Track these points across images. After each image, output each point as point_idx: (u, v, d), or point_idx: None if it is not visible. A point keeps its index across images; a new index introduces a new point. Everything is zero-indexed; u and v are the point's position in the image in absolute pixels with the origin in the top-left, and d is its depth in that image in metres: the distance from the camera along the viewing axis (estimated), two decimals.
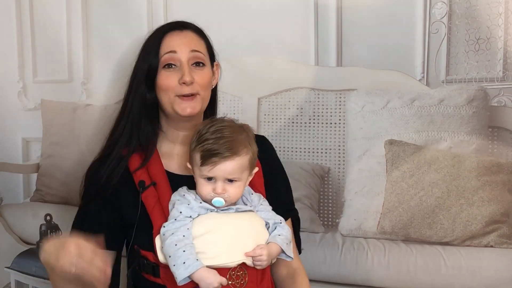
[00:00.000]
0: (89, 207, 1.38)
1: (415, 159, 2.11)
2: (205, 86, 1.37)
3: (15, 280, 2.15)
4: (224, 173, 1.21)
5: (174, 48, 1.35)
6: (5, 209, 2.81)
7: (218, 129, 1.23)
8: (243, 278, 1.21)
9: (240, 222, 1.24)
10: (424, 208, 2.04)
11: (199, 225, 1.21)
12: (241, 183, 1.25)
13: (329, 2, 2.63)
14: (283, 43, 2.70)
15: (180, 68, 1.34)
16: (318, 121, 2.58)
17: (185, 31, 1.39)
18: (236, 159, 1.22)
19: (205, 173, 1.22)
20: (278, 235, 1.26)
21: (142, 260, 1.30)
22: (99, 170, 1.36)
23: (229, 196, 1.23)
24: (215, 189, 1.22)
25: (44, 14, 3.11)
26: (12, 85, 3.17)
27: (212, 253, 1.19)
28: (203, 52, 1.38)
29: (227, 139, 1.22)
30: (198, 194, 1.26)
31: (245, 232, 1.23)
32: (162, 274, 1.26)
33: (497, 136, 2.33)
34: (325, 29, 2.66)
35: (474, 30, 2.41)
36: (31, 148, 3.20)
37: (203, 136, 1.23)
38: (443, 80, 2.49)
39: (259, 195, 1.33)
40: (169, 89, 1.35)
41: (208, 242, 1.20)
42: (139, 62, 1.39)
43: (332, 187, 2.57)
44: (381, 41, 2.55)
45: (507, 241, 2.00)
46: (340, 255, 2.07)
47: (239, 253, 1.21)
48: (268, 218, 1.29)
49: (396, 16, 2.53)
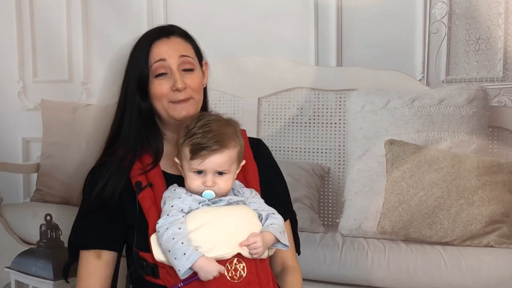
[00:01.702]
0: (91, 212, 1.37)
1: (415, 159, 2.11)
2: (197, 89, 1.39)
3: (15, 280, 2.14)
4: (214, 166, 1.23)
5: (163, 56, 1.36)
6: (5, 209, 2.81)
7: (205, 123, 1.26)
8: (242, 270, 1.22)
9: (233, 214, 1.25)
10: (424, 208, 2.04)
11: (193, 219, 1.22)
12: (230, 176, 1.27)
13: (329, 2, 2.63)
14: (283, 43, 2.70)
15: (171, 75, 1.36)
16: (318, 121, 2.58)
17: (172, 37, 1.40)
18: (225, 151, 1.24)
19: (195, 167, 1.24)
20: (270, 224, 1.27)
21: (141, 262, 1.30)
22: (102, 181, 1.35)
23: (220, 188, 1.25)
24: (205, 182, 1.24)
25: (44, 14, 3.12)
26: (12, 85, 3.17)
27: (208, 245, 1.20)
28: (191, 56, 1.40)
29: (215, 132, 1.24)
30: (188, 188, 1.27)
31: (239, 224, 1.25)
32: (162, 275, 1.26)
33: (497, 136, 2.34)
34: (325, 29, 2.66)
35: (474, 30, 2.41)
36: (31, 148, 3.20)
37: (191, 131, 1.26)
38: (443, 80, 2.49)
39: (252, 190, 1.35)
40: (162, 97, 1.37)
41: (203, 235, 1.21)
42: (130, 72, 1.41)
43: (332, 187, 2.57)
44: (381, 41, 2.56)
45: (507, 241, 2.00)
46: (340, 255, 2.07)
47: (234, 245, 1.22)
48: (261, 210, 1.31)
49: (396, 16, 2.54)
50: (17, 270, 2.11)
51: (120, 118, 1.42)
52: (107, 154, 1.41)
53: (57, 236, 2.12)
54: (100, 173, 1.37)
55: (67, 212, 2.60)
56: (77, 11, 3.06)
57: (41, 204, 2.81)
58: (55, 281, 2.01)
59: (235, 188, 1.32)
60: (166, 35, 1.40)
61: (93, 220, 1.36)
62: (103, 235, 1.36)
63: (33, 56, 3.16)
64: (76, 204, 2.70)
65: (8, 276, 2.18)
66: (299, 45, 2.71)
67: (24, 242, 2.59)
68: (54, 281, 2.00)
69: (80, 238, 1.38)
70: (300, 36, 2.71)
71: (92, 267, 1.35)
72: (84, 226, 1.38)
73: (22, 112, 3.19)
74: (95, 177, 1.38)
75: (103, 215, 1.35)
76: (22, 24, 3.14)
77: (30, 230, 2.49)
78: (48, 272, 2.02)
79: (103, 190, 1.34)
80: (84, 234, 1.37)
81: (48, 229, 2.11)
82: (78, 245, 1.38)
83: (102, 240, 1.36)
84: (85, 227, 1.38)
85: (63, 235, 2.14)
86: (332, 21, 2.65)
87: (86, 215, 1.38)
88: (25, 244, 2.55)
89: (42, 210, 2.40)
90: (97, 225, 1.35)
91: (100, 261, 1.35)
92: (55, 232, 2.12)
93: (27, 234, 2.58)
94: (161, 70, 1.36)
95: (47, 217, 2.13)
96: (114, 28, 2.94)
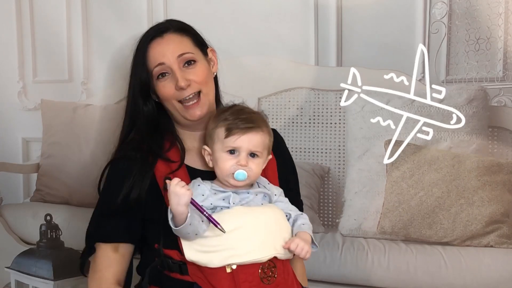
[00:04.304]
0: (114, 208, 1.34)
1: (415, 159, 2.11)
2: (203, 81, 1.37)
3: (15, 280, 2.14)
4: (249, 145, 1.24)
5: (160, 59, 1.35)
6: (5, 209, 2.81)
7: (239, 109, 1.29)
8: (274, 272, 1.22)
9: (266, 216, 1.25)
10: (424, 208, 2.04)
11: (228, 221, 1.20)
12: (261, 161, 1.27)
13: (329, 2, 2.63)
14: (283, 43, 2.70)
15: (173, 75, 1.35)
16: (318, 121, 2.58)
17: (166, 35, 1.37)
18: (260, 132, 1.26)
19: (230, 144, 1.24)
20: (302, 224, 1.28)
21: (166, 259, 1.28)
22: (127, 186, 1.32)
23: (251, 170, 1.24)
24: (238, 161, 1.24)
25: (44, 14, 3.11)
26: (12, 85, 3.17)
27: (244, 249, 1.20)
28: (190, 50, 1.37)
29: (250, 115, 1.27)
30: (220, 171, 1.26)
31: (272, 226, 1.25)
32: (191, 271, 1.24)
33: (497, 136, 2.33)
34: (325, 29, 2.66)
35: (474, 30, 2.40)
36: (31, 148, 3.20)
37: (224, 115, 1.27)
38: (443, 80, 2.48)
39: (278, 187, 1.35)
40: (169, 98, 1.36)
41: (239, 238, 1.20)
42: (132, 76, 1.40)
43: (332, 187, 2.57)
44: (381, 41, 2.55)
45: (507, 241, 2.00)
46: (340, 255, 2.07)
47: (269, 248, 1.22)
48: (289, 210, 1.31)
49: (396, 16, 2.53)
50: (17, 270, 2.11)
51: (131, 124, 1.41)
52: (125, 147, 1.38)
53: (57, 236, 2.12)
54: (123, 168, 1.33)
55: (67, 212, 2.60)
56: (77, 11, 3.06)
57: (41, 204, 2.81)
58: (55, 281, 2.00)
59: (261, 183, 1.32)
60: (160, 34, 1.38)
61: (112, 214, 1.34)
62: (122, 228, 1.34)
63: (33, 56, 3.16)
64: (76, 204, 2.73)
65: (8, 276, 2.18)
66: (299, 45, 2.71)
67: (24, 242, 2.59)
68: (54, 281, 2.00)
69: (99, 231, 1.36)
70: (300, 36, 2.70)
71: (108, 259, 1.34)
72: (103, 220, 1.36)
73: (22, 112, 3.19)
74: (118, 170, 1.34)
75: (122, 209, 1.33)
76: (22, 24, 3.14)
77: (30, 230, 2.49)
78: (48, 272, 2.01)
79: (129, 195, 1.31)
80: (103, 227, 1.36)
81: (48, 229, 2.11)
82: (97, 237, 1.36)
83: (121, 233, 1.34)
84: (104, 221, 1.36)
85: (63, 235, 2.14)
86: (332, 21, 2.64)
87: (105, 210, 1.36)
88: (25, 244, 2.55)
89: (42, 210, 2.40)
90: (116, 218, 1.33)
91: (117, 255, 1.34)
92: (55, 232, 2.12)
93: (27, 234, 2.58)
94: (161, 72, 1.35)
95: (47, 217, 2.13)
96: (114, 28, 2.94)
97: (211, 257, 1.20)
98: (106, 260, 1.34)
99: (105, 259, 1.34)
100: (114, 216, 1.34)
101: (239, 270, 1.19)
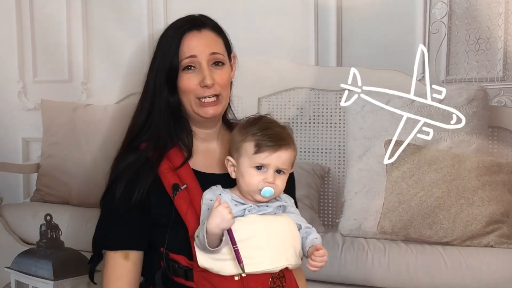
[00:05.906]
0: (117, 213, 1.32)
1: (415, 159, 2.11)
2: (225, 85, 1.36)
3: (15, 280, 2.14)
4: (278, 162, 1.23)
5: (193, 52, 1.33)
6: (5, 209, 2.81)
7: (267, 124, 1.27)
8: (282, 282, 1.23)
9: (279, 226, 1.25)
10: (424, 208, 2.04)
11: (241, 229, 1.20)
12: (285, 177, 1.27)
13: (329, 2, 2.63)
14: (283, 43, 2.70)
15: (200, 70, 1.33)
16: (318, 121, 2.58)
17: (203, 31, 1.37)
18: (289, 150, 1.25)
19: (259, 161, 1.22)
20: (315, 238, 1.29)
21: (172, 263, 1.27)
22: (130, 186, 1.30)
23: (277, 187, 1.24)
24: (266, 178, 1.22)
25: (44, 14, 3.12)
26: (12, 85, 3.18)
27: (257, 259, 1.19)
28: (221, 52, 1.37)
29: (279, 131, 1.25)
30: (246, 186, 1.24)
31: (285, 236, 1.25)
32: (196, 278, 1.24)
33: (497, 136, 2.33)
34: (325, 29, 2.66)
35: (474, 30, 2.41)
36: (31, 148, 3.20)
37: (252, 128, 1.25)
38: (443, 80, 2.48)
39: (289, 196, 1.34)
40: (190, 92, 1.33)
41: (252, 248, 1.19)
42: (158, 63, 1.36)
43: (332, 187, 2.57)
44: (381, 41, 2.56)
45: (507, 241, 2.00)
46: (340, 255, 2.07)
47: (282, 258, 1.22)
48: (300, 221, 1.32)
49: (396, 16, 2.54)
50: (17, 270, 2.11)
51: (148, 112, 1.36)
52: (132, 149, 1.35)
53: (57, 236, 2.12)
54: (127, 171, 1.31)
55: (67, 212, 2.61)
56: (77, 11, 3.06)
57: (41, 204, 2.81)
58: (55, 281, 2.00)
59: None
60: (198, 28, 1.36)
61: (119, 219, 1.31)
62: (130, 235, 1.31)
63: (33, 56, 3.16)
64: (76, 204, 2.74)
65: (8, 276, 2.18)
66: (299, 45, 2.71)
67: (24, 242, 2.59)
68: (54, 281, 2.00)
69: (106, 238, 1.34)
70: (300, 36, 2.71)
71: (120, 268, 1.31)
72: (109, 226, 1.33)
73: (22, 112, 3.19)
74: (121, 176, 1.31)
75: (130, 215, 1.30)
76: (22, 24, 3.15)
77: (30, 230, 2.49)
78: (48, 272, 2.01)
79: (131, 196, 1.29)
80: (110, 234, 1.33)
81: (48, 229, 2.11)
82: (104, 245, 1.34)
83: (130, 240, 1.32)
84: (111, 227, 1.33)
85: (63, 235, 2.14)
86: (332, 21, 2.64)
87: (111, 215, 1.34)
88: (25, 244, 2.55)
89: (42, 210, 2.40)
90: (124, 224, 1.31)
91: (129, 262, 1.31)
92: (55, 232, 2.12)
93: (27, 234, 2.58)
94: (190, 64, 1.33)
95: (47, 217, 2.13)
96: (114, 28, 2.94)
97: (224, 265, 1.19)
98: (118, 269, 1.32)
99: (117, 268, 1.32)
100: (122, 222, 1.31)
101: (249, 278, 1.19)
